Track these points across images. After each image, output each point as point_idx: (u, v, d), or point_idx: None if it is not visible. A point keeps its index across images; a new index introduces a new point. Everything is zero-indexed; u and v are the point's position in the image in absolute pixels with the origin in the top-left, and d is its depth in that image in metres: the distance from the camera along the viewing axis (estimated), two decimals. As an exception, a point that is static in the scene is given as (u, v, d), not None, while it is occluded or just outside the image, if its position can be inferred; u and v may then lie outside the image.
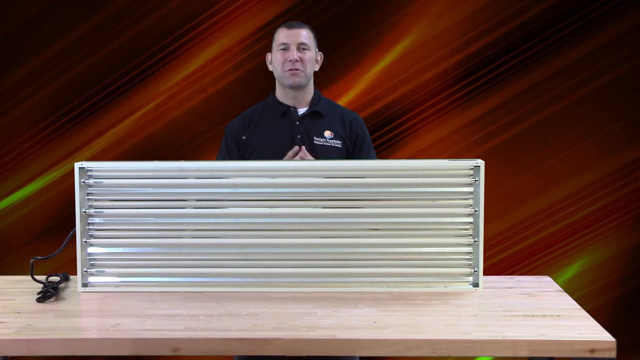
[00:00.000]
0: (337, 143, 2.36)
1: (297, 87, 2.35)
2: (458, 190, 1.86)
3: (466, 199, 1.86)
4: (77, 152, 3.12)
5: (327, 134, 2.36)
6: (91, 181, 1.87)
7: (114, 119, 3.11)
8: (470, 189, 1.85)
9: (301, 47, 2.33)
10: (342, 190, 1.87)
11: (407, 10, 3.04)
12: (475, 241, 1.85)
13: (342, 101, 3.00)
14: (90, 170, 1.87)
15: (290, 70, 2.32)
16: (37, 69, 3.09)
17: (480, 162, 1.83)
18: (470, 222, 1.86)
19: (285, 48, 2.33)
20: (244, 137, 2.37)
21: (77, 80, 3.10)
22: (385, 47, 3.05)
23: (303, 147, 2.31)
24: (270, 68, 2.41)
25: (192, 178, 1.88)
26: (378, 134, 3.07)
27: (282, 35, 2.34)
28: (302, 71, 2.33)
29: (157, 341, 1.53)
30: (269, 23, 3.02)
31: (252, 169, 1.88)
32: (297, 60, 2.31)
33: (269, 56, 2.41)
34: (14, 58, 3.09)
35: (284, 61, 2.32)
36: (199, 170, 1.88)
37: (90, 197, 1.88)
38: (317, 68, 2.42)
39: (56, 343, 1.53)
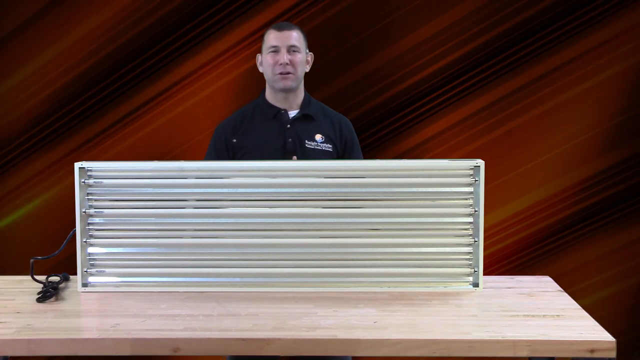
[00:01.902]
0: (328, 147, 2.36)
1: (288, 90, 2.35)
2: (458, 190, 1.86)
3: (466, 199, 1.86)
4: (77, 152, 3.12)
5: (318, 137, 2.36)
6: (91, 181, 1.87)
7: (113, 119, 3.11)
8: (470, 189, 1.85)
9: (291, 49, 2.31)
10: (342, 190, 1.87)
11: (407, 9, 3.04)
12: (475, 241, 1.85)
13: (338, 99, 3.00)
14: (90, 170, 1.87)
15: (280, 74, 2.31)
16: (37, 68, 3.09)
17: (480, 162, 1.84)
18: (470, 222, 1.86)
19: (276, 50, 2.31)
20: (235, 140, 2.36)
21: (77, 81, 3.09)
22: (383, 45, 3.06)
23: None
24: (261, 69, 2.40)
25: (192, 178, 1.88)
26: (373, 130, 3.07)
27: (272, 38, 2.33)
28: (293, 74, 2.32)
29: (157, 341, 1.53)
30: (265, 25, 3.02)
31: (252, 169, 1.88)
32: (287, 64, 2.30)
33: (259, 57, 2.40)
34: (14, 58, 3.09)
35: (275, 64, 2.31)
36: (199, 170, 1.88)
37: (90, 197, 1.88)
38: (307, 69, 2.41)
39: (56, 343, 1.53)
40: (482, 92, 3.07)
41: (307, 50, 2.40)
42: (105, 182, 1.88)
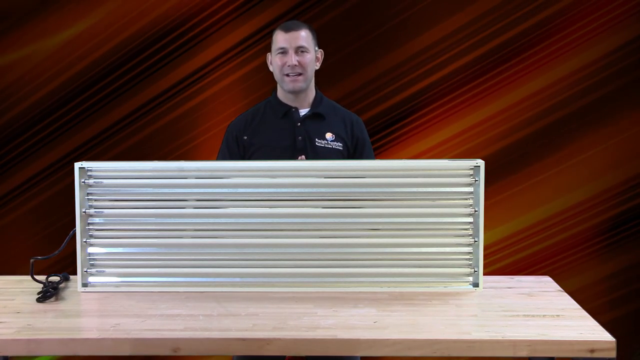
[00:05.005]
0: (339, 145, 2.36)
1: (298, 91, 2.35)
2: (458, 190, 1.86)
3: (466, 199, 1.86)
4: (77, 152, 3.12)
5: (329, 135, 2.36)
6: (91, 181, 1.87)
7: (114, 119, 3.11)
8: (470, 189, 1.85)
9: (299, 50, 2.30)
10: (342, 190, 1.87)
11: (412, 12, 3.03)
12: (475, 241, 1.85)
13: (345, 102, 2.99)
14: (90, 170, 1.87)
15: (289, 75, 2.31)
16: (37, 67, 3.09)
17: (480, 162, 1.83)
18: (470, 222, 1.86)
19: (284, 52, 2.31)
20: (245, 138, 2.36)
21: (77, 80, 3.09)
22: (388, 49, 3.05)
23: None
24: (271, 69, 2.40)
25: (192, 178, 1.88)
26: (379, 135, 3.07)
27: (280, 39, 2.31)
28: (303, 74, 2.31)
29: (157, 341, 1.53)
30: (272, 22, 3.01)
31: (252, 169, 1.88)
32: (296, 65, 2.30)
33: (269, 56, 2.40)
34: (14, 55, 3.09)
35: (283, 65, 2.31)
36: (199, 170, 1.88)
37: (90, 197, 1.87)
38: (317, 66, 2.40)
39: (56, 343, 1.53)
40: (492, 99, 3.05)
41: (317, 48, 2.39)
42: (105, 182, 1.88)
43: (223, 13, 3.05)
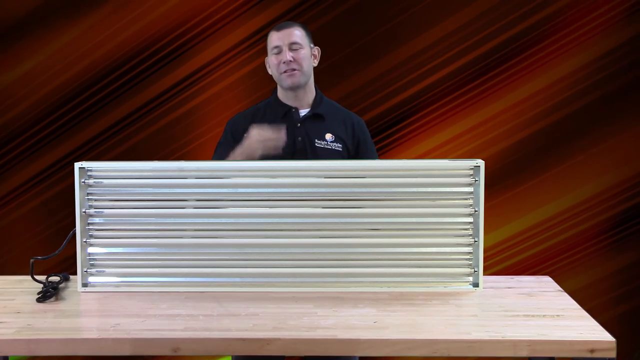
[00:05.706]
0: (338, 146, 2.36)
1: (297, 87, 2.35)
2: (458, 190, 1.86)
3: (466, 199, 1.86)
4: (77, 152, 3.12)
5: (328, 136, 2.36)
6: (91, 181, 1.87)
7: (114, 119, 3.11)
8: (470, 189, 1.85)
9: (293, 46, 2.32)
10: (342, 190, 1.87)
11: (411, 12, 3.03)
12: (475, 241, 1.85)
13: (347, 102, 2.99)
14: (90, 170, 1.87)
15: (285, 72, 2.32)
16: (36, 67, 3.09)
17: (480, 162, 1.83)
18: (470, 222, 1.86)
19: (278, 50, 2.33)
20: (246, 136, 2.36)
21: (77, 80, 3.09)
22: (388, 49, 3.05)
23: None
24: (269, 72, 2.41)
25: (192, 178, 1.88)
26: (381, 136, 3.06)
27: (274, 38, 2.35)
28: (299, 70, 2.33)
29: (157, 341, 1.53)
30: (272, 22, 3.01)
31: (252, 169, 1.88)
32: (291, 61, 2.31)
33: (266, 60, 2.41)
34: (13, 56, 3.09)
35: (279, 63, 2.33)
36: (199, 170, 1.88)
37: (90, 197, 1.88)
38: (315, 63, 2.41)
39: (56, 343, 1.53)
40: (493, 99, 3.04)
41: (312, 45, 2.40)
42: (105, 182, 1.88)
43: (223, 13, 3.05)
